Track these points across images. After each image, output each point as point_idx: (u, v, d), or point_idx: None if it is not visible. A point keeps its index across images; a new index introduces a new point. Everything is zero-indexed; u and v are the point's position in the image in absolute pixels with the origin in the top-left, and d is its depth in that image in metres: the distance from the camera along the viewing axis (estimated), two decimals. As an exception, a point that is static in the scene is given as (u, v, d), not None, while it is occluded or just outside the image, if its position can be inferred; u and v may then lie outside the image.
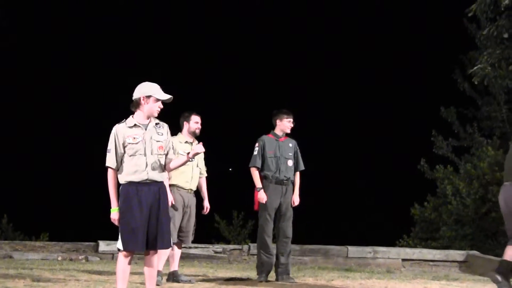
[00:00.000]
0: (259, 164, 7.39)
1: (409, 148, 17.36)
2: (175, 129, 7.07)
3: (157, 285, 6.66)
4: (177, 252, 7.17)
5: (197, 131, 7.19)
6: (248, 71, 22.29)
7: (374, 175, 20.45)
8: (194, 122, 7.19)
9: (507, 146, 12.76)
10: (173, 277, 7.06)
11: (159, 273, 6.84)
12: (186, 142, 7.11)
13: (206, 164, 7.43)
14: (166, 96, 5.09)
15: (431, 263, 10.52)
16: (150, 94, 5.06)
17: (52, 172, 19.94)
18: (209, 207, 7.32)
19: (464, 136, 14.84)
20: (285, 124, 7.51)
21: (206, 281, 7.24)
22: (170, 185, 6.92)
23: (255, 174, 7.38)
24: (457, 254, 10.67)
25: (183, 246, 7.33)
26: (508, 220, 6.05)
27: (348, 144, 21.43)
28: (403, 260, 10.49)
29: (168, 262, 7.16)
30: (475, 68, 10.21)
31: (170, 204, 6.64)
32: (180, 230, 7.07)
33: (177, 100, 5.23)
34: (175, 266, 7.13)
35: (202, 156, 7.17)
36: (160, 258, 6.73)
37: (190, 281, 6.96)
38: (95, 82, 20.99)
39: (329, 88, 22.14)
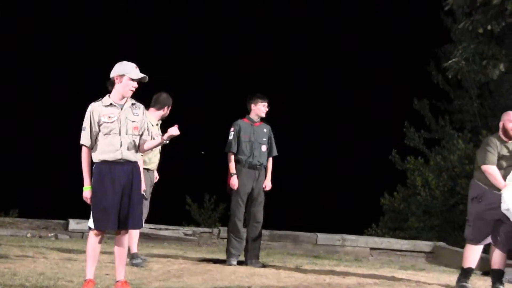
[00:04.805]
0: (235, 149, 7.43)
1: (381, 138, 17.55)
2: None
3: (141, 266, 6.69)
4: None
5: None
6: (225, 55, 22.28)
7: (346, 164, 20.65)
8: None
9: (477, 139, 13.00)
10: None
11: (137, 255, 6.84)
12: (157, 124, 7.05)
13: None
14: (139, 76, 5.05)
15: (398, 252, 10.67)
16: (123, 73, 5.04)
17: (22, 149, 19.76)
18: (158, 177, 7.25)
19: (436, 129, 15.04)
20: (260, 109, 7.55)
21: (176, 263, 7.26)
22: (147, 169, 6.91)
23: (231, 159, 7.42)
24: (424, 245, 10.85)
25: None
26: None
27: (321, 133, 21.58)
28: (371, 249, 10.64)
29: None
30: (450, 61, 10.33)
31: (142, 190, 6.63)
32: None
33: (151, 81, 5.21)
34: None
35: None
36: (131, 239, 6.73)
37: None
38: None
39: (303, 76, 22.27)
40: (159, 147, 6.94)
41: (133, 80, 5.05)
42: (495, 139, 6.44)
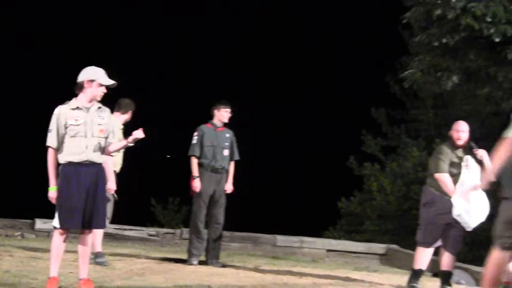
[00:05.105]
0: (197, 153, 7.64)
1: (340, 145, 17.90)
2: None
3: (105, 265, 6.82)
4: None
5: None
6: (190, 61, 22.40)
7: (305, 170, 20.97)
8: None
9: (431, 147, 13.45)
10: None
11: (101, 254, 6.97)
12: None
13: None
14: (109, 82, 5.21)
15: (353, 254, 10.96)
16: (94, 78, 5.16)
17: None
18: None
19: (392, 137, 15.50)
20: (222, 114, 7.78)
21: (139, 262, 7.41)
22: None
23: (194, 162, 7.64)
24: (378, 248, 11.19)
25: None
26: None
27: (281, 138, 21.82)
28: (328, 250, 10.92)
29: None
30: (406, 72, 10.67)
31: (111, 191, 6.81)
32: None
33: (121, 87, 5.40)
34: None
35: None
36: (95, 238, 6.86)
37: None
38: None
39: (262, 84, 22.47)
40: (123, 150, 7.11)
41: (102, 85, 5.22)
42: (446, 147, 6.68)
